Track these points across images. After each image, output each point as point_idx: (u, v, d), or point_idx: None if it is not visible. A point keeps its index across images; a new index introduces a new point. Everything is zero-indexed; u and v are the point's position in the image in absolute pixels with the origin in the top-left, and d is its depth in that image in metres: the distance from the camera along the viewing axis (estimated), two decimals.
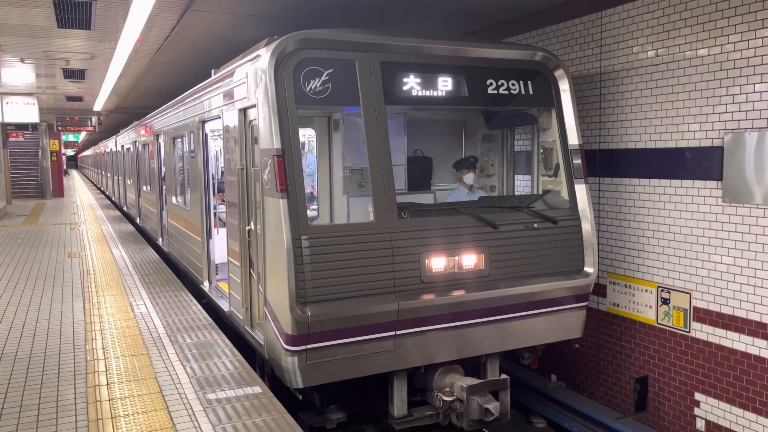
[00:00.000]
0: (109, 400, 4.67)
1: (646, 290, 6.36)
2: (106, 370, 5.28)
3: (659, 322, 6.25)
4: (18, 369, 5.39)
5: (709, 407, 5.80)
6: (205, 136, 8.10)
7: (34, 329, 6.55)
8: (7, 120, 16.76)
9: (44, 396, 4.79)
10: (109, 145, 27.52)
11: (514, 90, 6.01)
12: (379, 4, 7.05)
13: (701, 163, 5.68)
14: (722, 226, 5.55)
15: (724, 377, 5.64)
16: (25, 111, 16.56)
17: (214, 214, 8.48)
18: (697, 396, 5.90)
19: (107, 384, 4.98)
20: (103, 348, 5.89)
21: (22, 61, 11.43)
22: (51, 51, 10.33)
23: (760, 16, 5.13)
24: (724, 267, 5.56)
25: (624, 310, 6.65)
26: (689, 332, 5.93)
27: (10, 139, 24.65)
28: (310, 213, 5.98)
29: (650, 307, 6.33)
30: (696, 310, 5.84)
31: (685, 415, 6.03)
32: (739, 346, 5.48)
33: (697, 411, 5.91)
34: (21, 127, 21.91)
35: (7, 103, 16.32)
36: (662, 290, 6.18)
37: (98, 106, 19.52)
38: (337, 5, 7.02)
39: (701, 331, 5.81)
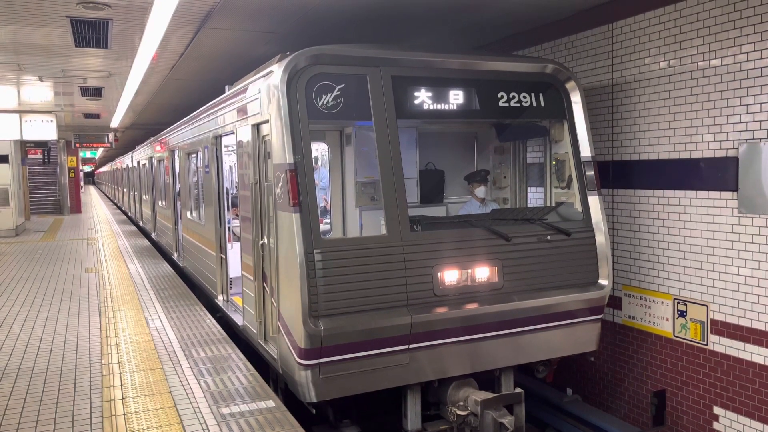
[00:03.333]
0: (124, 414, 4.69)
1: (662, 302, 6.29)
2: (121, 385, 5.32)
3: (676, 334, 6.17)
4: (35, 383, 5.44)
5: (728, 421, 5.70)
6: (219, 151, 8.18)
7: (50, 344, 6.62)
8: (26, 138, 17.02)
9: (60, 410, 4.83)
10: (125, 161, 27.87)
11: (526, 102, 6.02)
12: (389, 19, 7.11)
13: (716, 174, 5.63)
14: (738, 237, 5.49)
15: (743, 391, 5.55)
16: (43, 128, 16.81)
17: (229, 228, 8.54)
18: (716, 410, 5.80)
19: (122, 398, 5.01)
20: (119, 362, 5.93)
21: (40, 79, 11.64)
22: (69, 69, 10.51)
23: None
24: (741, 278, 5.49)
25: (640, 322, 6.58)
26: (707, 345, 5.85)
27: (29, 156, 25.05)
28: (322, 227, 6.01)
29: (667, 319, 6.26)
30: (713, 322, 5.77)
31: (704, 430, 5.93)
32: (758, 359, 5.40)
33: (716, 425, 5.81)
34: (40, 144, 22.27)
35: (26, 121, 16.58)
36: (679, 302, 6.12)
37: (115, 122, 19.81)
38: (347, 21, 7.10)
39: (719, 344, 5.73)
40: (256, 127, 5.98)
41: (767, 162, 5.18)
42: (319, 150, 8.32)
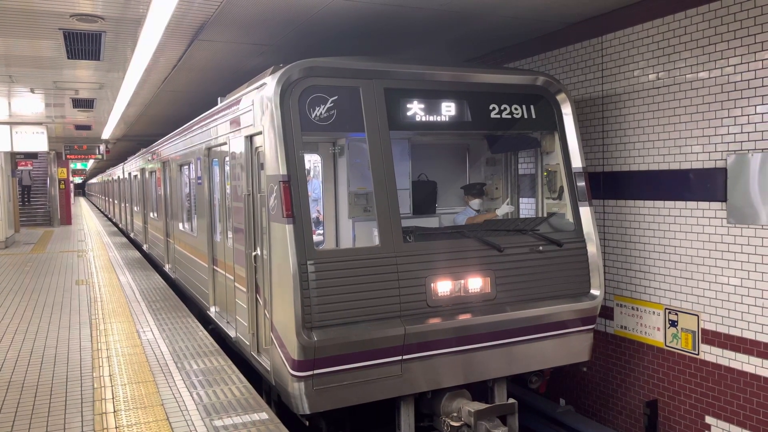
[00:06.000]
0: (116, 427, 4.66)
1: (654, 312, 6.33)
2: (113, 398, 5.28)
3: (667, 344, 6.21)
4: (25, 397, 5.39)
5: (720, 430, 5.73)
6: (212, 162, 8.18)
7: (41, 357, 6.56)
8: (16, 149, 16.96)
9: (51, 424, 4.78)
10: (117, 172, 27.77)
11: (517, 114, 6.07)
12: (381, 32, 7.17)
13: (705, 185, 5.69)
14: (728, 247, 5.55)
15: (734, 400, 5.58)
16: (34, 140, 16.75)
17: None
18: (708, 419, 5.83)
19: (114, 411, 4.97)
20: (110, 375, 5.89)
21: (32, 91, 11.62)
22: (60, 81, 10.51)
23: (759, 39, 5.19)
24: (731, 288, 5.54)
25: (632, 332, 6.62)
26: (698, 354, 5.88)
27: (19, 167, 24.92)
28: (315, 238, 6.01)
29: (658, 329, 6.30)
30: (704, 332, 5.81)
31: None
32: (749, 368, 5.43)
33: None
34: (30, 155, 22.18)
35: (16, 132, 16.52)
36: (670, 312, 6.16)
37: (106, 134, 19.76)
38: (340, 33, 7.15)
39: (710, 354, 5.77)
40: (249, 138, 5.99)
41: (755, 173, 5.25)
42: (312, 161, 8.33)
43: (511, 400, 5.64)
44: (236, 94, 6.57)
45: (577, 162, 6.21)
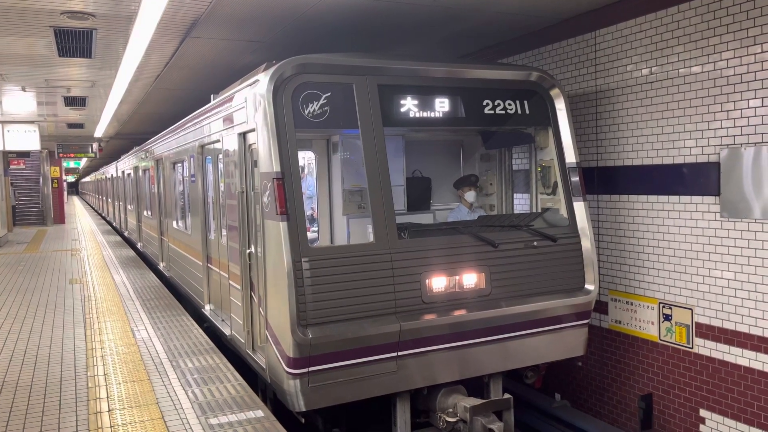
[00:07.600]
0: (111, 427, 4.65)
1: (648, 307, 6.35)
2: (107, 397, 5.26)
3: (662, 338, 6.23)
4: (19, 397, 5.37)
5: (714, 423, 5.76)
6: (205, 160, 8.15)
7: (35, 356, 6.53)
8: (8, 148, 16.87)
9: (46, 424, 4.76)
10: (110, 170, 27.66)
11: (511, 110, 6.07)
12: (375, 29, 7.15)
13: (698, 179, 5.71)
14: (721, 241, 5.57)
15: (728, 393, 5.61)
16: (26, 139, 16.67)
17: None
18: (702, 413, 5.86)
19: (109, 411, 4.96)
20: (105, 374, 5.87)
21: (23, 89, 11.55)
22: (52, 79, 10.45)
23: (751, 33, 5.20)
24: (725, 282, 5.57)
25: (626, 327, 6.64)
26: (692, 348, 5.91)
27: (12, 166, 24.79)
28: (310, 235, 6.00)
29: (652, 323, 6.32)
30: (698, 325, 5.83)
31: None
32: (742, 362, 5.46)
33: (702, 428, 5.87)
34: (22, 154, 22.07)
35: (8, 131, 16.42)
36: (664, 306, 6.18)
37: (99, 132, 19.67)
38: (333, 30, 7.13)
39: (704, 347, 5.79)
40: (243, 135, 5.97)
41: (748, 167, 5.27)
42: (306, 158, 8.31)
43: (507, 396, 5.65)
44: (229, 91, 6.55)
45: (570, 157, 6.22)
